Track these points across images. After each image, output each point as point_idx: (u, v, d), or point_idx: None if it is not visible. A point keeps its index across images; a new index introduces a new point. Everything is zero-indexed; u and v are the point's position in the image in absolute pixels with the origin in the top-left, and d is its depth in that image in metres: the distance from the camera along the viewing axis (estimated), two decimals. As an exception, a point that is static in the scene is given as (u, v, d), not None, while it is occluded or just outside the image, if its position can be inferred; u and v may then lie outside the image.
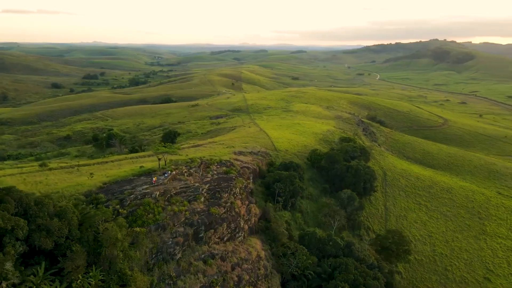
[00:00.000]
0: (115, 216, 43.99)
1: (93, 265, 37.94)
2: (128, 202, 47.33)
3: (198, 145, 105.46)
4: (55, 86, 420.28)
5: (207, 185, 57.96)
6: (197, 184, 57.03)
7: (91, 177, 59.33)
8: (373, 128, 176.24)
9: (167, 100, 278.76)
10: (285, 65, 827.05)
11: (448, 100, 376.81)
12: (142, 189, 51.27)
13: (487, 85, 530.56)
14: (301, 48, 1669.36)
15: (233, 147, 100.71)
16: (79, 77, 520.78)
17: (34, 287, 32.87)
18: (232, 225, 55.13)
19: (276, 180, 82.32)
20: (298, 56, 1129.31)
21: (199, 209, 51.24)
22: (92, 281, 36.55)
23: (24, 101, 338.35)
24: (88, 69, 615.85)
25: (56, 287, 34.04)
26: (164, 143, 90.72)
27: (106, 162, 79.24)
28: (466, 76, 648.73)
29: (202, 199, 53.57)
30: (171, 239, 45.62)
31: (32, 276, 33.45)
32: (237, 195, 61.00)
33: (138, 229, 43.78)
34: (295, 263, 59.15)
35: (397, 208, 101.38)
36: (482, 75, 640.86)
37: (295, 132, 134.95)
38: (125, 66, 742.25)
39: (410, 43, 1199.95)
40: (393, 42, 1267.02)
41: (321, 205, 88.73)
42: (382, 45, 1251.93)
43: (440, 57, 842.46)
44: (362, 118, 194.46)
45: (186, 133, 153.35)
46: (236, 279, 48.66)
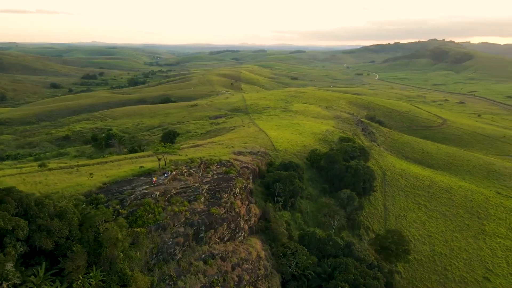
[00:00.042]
0: (115, 217, 43.97)
1: (94, 266, 37.95)
2: (128, 202, 47.30)
3: (198, 145, 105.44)
4: (54, 86, 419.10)
5: (207, 185, 57.96)
6: (197, 184, 57.02)
7: (91, 177, 59.19)
8: (372, 128, 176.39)
9: (166, 100, 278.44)
10: (284, 65, 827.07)
11: (446, 100, 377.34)
12: (142, 189, 51.23)
13: (485, 85, 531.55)
14: (300, 48, 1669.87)
15: (232, 147, 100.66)
16: (78, 77, 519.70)
17: (35, 287, 32.84)
18: (232, 225, 55.15)
19: (276, 180, 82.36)
20: (297, 56, 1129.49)
21: (199, 209, 51.23)
22: (92, 282, 36.56)
23: (23, 101, 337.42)
24: (87, 69, 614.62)
25: (57, 287, 34.02)
26: (164, 143, 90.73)
27: (106, 162, 79.12)
28: (464, 76, 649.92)
29: (202, 199, 53.56)
30: (171, 239, 45.61)
31: (32, 277, 33.44)
32: (237, 195, 61.01)
33: (138, 229, 43.78)
34: (295, 263, 59.16)
35: (396, 208, 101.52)
36: (481, 75, 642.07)
37: (294, 132, 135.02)
38: (124, 66, 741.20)
39: (409, 43, 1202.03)
40: (392, 42, 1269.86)
41: (321, 205, 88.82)
42: (381, 45, 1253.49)
43: (439, 57, 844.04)
44: (361, 118, 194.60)
45: (185, 133, 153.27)
46: (236, 279, 48.69)
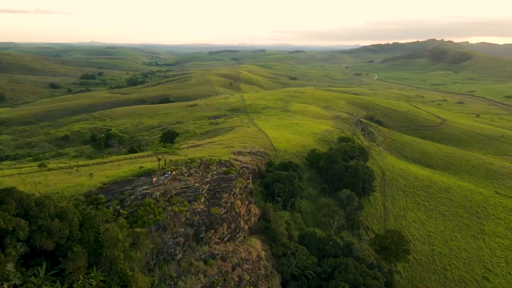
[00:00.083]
0: (115, 217, 43.92)
1: (94, 266, 37.92)
2: (129, 202, 47.26)
3: (197, 145, 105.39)
4: (53, 86, 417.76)
5: (207, 185, 57.95)
6: (197, 185, 57.00)
7: (90, 177, 59.07)
8: (372, 128, 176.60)
9: (165, 100, 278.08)
10: (283, 65, 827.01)
11: (445, 100, 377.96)
12: (142, 189, 51.19)
13: (484, 85, 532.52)
14: (299, 48, 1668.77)
15: (232, 147, 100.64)
16: (76, 77, 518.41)
17: (35, 288, 32.83)
18: (233, 225, 55.16)
19: (276, 180, 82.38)
20: (296, 56, 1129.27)
21: (199, 210, 51.23)
22: (93, 282, 36.53)
23: (22, 101, 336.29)
24: (85, 69, 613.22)
25: (57, 287, 34.00)
26: (163, 143, 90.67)
27: (105, 163, 79.00)
28: (463, 76, 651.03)
29: (203, 199, 53.56)
30: (171, 240, 45.61)
31: (33, 277, 33.41)
32: (237, 195, 61.02)
33: (138, 229, 43.75)
34: (295, 263, 59.20)
35: (396, 208, 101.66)
36: (479, 75, 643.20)
37: (293, 132, 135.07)
38: (123, 66, 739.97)
39: (408, 43, 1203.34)
40: (390, 42, 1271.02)
41: (320, 205, 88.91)
42: (379, 45, 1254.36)
43: (438, 57, 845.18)
44: (360, 118, 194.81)
45: (184, 133, 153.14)
46: (236, 279, 48.70)
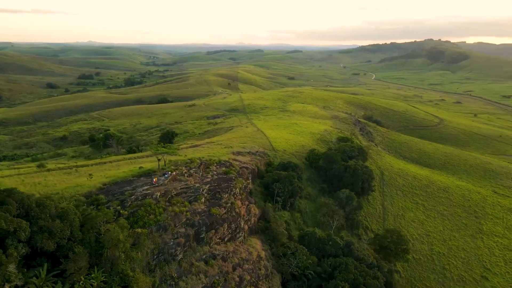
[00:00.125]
0: (116, 217, 43.78)
1: (95, 267, 37.81)
2: (129, 203, 47.15)
3: (196, 146, 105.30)
4: (50, 86, 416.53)
5: (207, 186, 57.94)
6: (197, 185, 56.97)
7: (90, 178, 58.89)
8: (370, 128, 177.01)
9: (163, 100, 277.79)
10: (281, 65, 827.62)
11: (443, 99, 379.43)
12: (143, 190, 51.10)
13: (481, 84, 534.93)
14: (297, 48, 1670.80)
15: (231, 147, 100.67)
16: (74, 77, 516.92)
17: (37, 289, 32.72)
18: (233, 225, 55.17)
19: (275, 180, 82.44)
20: (294, 56, 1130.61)
21: (200, 210, 51.20)
22: (94, 283, 36.45)
23: (19, 101, 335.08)
24: (83, 69, 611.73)
25: (59, 288, 33.92)
26: (163, 143, 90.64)
27: (105, 163, 78.76)
28: (460, 76, 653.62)
29: (203, 199, 53.53)
30: (172, 240, 45.55)
31: (34, 278, 33.26)
32: (237, 196, 61.03)
33: (139, 230, 43.63)
34: (295, 263, 59.25)
35: (394, 208, 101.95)
36: (477, 74, 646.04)
37: (292, 132, 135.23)
38: (121, 66, 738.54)
39: (405, 43, 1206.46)
40: (388, 42, 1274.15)
41: (320, 205, 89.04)
42: (377, 45, 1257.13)
43: (435, 57, 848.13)
44: (358, 118, 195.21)
45: (183, 133, 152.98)
46: (237, 279, 48.72)
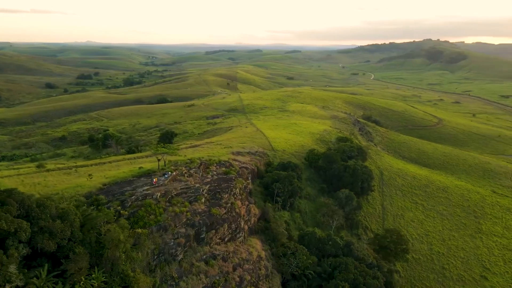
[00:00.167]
0: (116, 218, 43.76)
1: (96, 267, 37.79)
2: (129, 203, 47.13)
3: (196, 146, 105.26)
4: (49, 86, 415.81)
5: (207, 186, 57.93)
6: (197, 185, 56.96)
7: (90, 178, 58.85)
8: (369, 128, 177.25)
9: (162, 100, 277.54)
10: (280, 65, 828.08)
11: (442, 99, 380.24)
12: (143, 190, 51.08)
13: (480, 84, 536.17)
14: (295, 48, 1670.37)
15: (230, 147, 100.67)
16: (72, 77, 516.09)
17: (37, 289, 32.68)
18: (233, 225, 55.18)
19: (275, 180, 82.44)
20: (292, 56, 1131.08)
21: (200, 210, 51.21)
22: (94, 283, 36.43)
23: (18, 101, 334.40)
24: (82, 69, 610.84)
25: (59, 289, 33.88)
26: (163, 143, 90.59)
27: (104, 163, 78.63)
28: (459, 76, 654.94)
29: (203, 199, 53.53)
30: (172, 240, 45.54)
31: (35, 279, 33.22)
32: (237, 196, 61.04)
33: (140, 230, 43.63)
34: (295, 263, 59.28)
35: (394, 207, 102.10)
36: (475, 74, 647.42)
37: (292, 132, 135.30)
38: (119, 66, 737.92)
39: (404, 43, 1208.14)
40: (387, 42, 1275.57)
41: (319, 205, 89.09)
42: (376, 45, 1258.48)
43: (434, 57, 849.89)
44: (357, 117, 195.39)
45: (182, 134, 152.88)
46: (237, 279, 48.73)
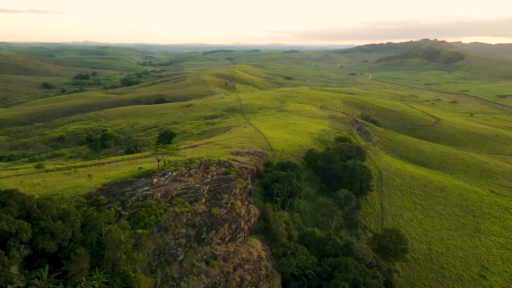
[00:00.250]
0: (117, 218, 43.74)
1: (97, 268, 37.74)
2: (130, 203, 47.06)
3: (195, 146, 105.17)
4: (46, 86, 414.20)
5: (207, 186, 57.90)
6: (197, 185, 56.91)
7: (89, 178, 58.72)
8: (367, 128, 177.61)
9: (160, 100, 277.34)
10: (278, 64, 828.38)
11: (439, 99, 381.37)
12: (143, 190, 51.00)
13: (477, 84, 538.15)
14: (293, 48, 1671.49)
15: (229, 147, 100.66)
16: (70, 77, 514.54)
17: (39, 290, 32.59)
18: (233, 225, 55.20)
19: (274, 180, 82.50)
20: (290, 55, 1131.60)
21: (200, 210, 51.18)
22: (95, 284, 36.38)
23: (15, 101, 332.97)
24: (79, 69, 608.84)
25: (60, 290, 33.80)
26: (162, 143, 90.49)
27: (103, 164, 78.47)
28: (456, 76, 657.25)
29: (203, 200, 53.50)
30: (173, 241, 45.51)
31: (36, 280, 33.15)
32: (237, 196, 61.05)
33: (140, 231, 43.58)
34: (295, 263, 59.37)
35: (393, 207, 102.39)
36: (472, 74, 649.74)
37: (290, 132, 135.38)
38: (117, 66, 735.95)
39: (401, 43, 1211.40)
40: (384, 42, 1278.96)
41: (319, 204, 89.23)
42: (373, 45, 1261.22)
43: (431, 56, 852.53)
44: (356, 117, 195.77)
45: (181, 134, 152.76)
46: (238, 279, 48.76)
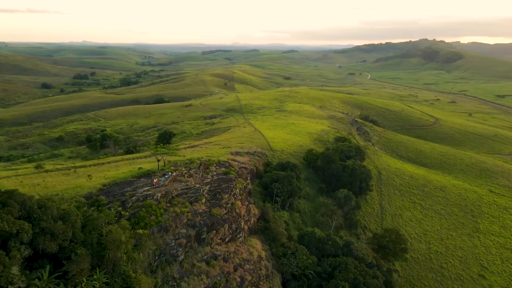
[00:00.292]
0: (117, 219, 43.73)
1: (97, 268, 37.75)
2: (130, 204, 47.05)
3: (194, 146, 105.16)
4: (45, 86, 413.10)
5: (207, 186, 57.92)
6: (197, 185, 56.92)
7: (89, 179, 58.66)
8: (367, 128, 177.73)
9: (159, 100, 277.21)
10: (276, 64, 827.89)
11: (438, 99, 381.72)
12: (143, 190, 50.98)
13: (475, 84, 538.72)
14: (292, 48, 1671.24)
15: (229, 147, 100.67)
16: (69, 77, 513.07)
17: (39, 291, 32.57)
18: (233, 226, 55.25)
19: (274, 180, 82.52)
20: (289, 55, 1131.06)
21: (200, 210, 51.22)
22: (96, 284, 36.40)
23: (14, 101, 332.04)
24: (78, 69, 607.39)
25: (61, 290, 33.78)
26: (162, 143, 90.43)
27: (103, 164, 78.38)
28: (455, 76, 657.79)
29: (203, 200, 53.53)
30: (173, 241, 45.57)
31: (37, 280, 33.15)
32: (237, 196, 61.10)
33: (141, 231, 43.62)
34: (295, 263, 59.42)
35: (392, 207, 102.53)
36: (471, 74, 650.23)
37: (290, 132, 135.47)
38: (116, 66, 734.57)
39: (400, 42, 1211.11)
40: (383, 42, 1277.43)
41: (318, 204, 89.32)
42: (372, 44, 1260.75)
43: (430, 56, 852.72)
44: (355, 117, 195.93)
45: (180, 134, 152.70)
46: (238, 279, 48.81)
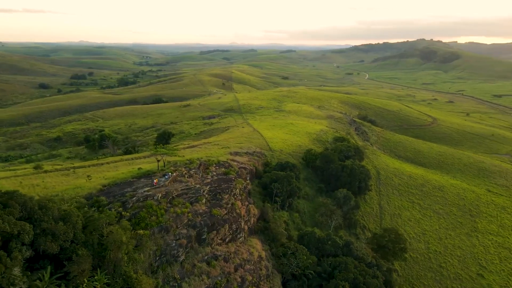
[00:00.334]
0: (118, 219, 43.71)
1: (98, 269, 37.73)
2: (131, 204, 47.02)
3: (193, 146, 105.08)
4: (43, 86, 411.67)
5: (207, 187, 57.92)
6: (198, 186, 56.92)
7: (89, 179, 58.56)
8: (365, 128, 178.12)
9: (158, 100, 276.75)
10: (274, 64, 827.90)
11: (436, 99, 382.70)
12: (144, 191, 50.93)
13: (473, 84, 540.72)
14: (290, 48, 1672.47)
15: (228, 147, 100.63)
16: (66, 77, 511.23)
17: (41, 291, 32.52)
18: (234, 226, 55.27)
19: (273, 181, 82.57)
20: (287, 55, 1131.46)
21: (201, 211, 51.23)
22: (97, 285, 36.38)
23: (11, 101, 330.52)
24: (75, 69, 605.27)
25: (62, 291, 33.74)
26: (161, 144, 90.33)
27: (102, 164, 78.25)
28: (452, 75, 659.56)
29: (204, 200, 53.54)
30: (174, 241, 45.57)
31: (38, 281, 33.10)
32: (237, 196, 61.14)
33: (141, 231, 43.60)
34: (295, 263, 59.51)
35: (391, 207, 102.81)
36: (468, 74, 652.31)
37: (288, 132, 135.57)
38: (113, 66, 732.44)
39: (398, 42, 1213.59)
40: (381, 41, 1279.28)
41: (318, 204, 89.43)
42: (370, 44, 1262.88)
43: (427, 56, 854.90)
44: (353, 117, 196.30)
45: (179, 134, 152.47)
46: (239, 280, 48.85)
